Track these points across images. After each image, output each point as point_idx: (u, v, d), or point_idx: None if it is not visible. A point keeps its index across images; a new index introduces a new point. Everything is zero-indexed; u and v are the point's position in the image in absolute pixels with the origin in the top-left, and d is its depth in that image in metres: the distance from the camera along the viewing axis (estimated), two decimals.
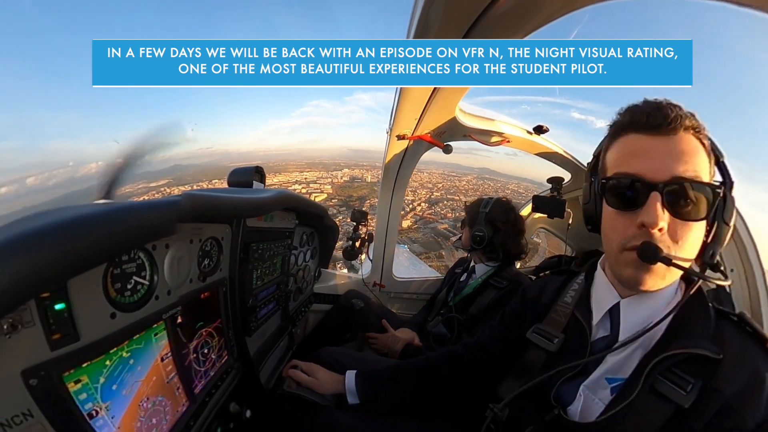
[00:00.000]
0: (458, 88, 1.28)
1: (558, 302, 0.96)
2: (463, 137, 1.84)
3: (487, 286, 1.85)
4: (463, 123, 1.65)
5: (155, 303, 0.78)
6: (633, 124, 0.70)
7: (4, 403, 0.50)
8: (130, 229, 0.61)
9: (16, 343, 0.51)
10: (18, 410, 0.51)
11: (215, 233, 1.04)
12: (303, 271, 1.90)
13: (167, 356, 0.83)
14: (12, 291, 0.44)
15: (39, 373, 0.54)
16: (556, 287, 1.02)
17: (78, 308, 0.59)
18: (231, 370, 1.13)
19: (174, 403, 0.85)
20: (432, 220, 46.10)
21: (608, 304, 0.82)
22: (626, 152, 0.72)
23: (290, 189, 1.38)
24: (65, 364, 0.58)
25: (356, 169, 66.66)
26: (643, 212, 0.65)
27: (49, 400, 0.55)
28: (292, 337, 1.77)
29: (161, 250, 0.80)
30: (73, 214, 0.53)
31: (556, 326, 0.92)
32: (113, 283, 0.67)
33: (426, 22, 0.89)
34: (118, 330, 0.68)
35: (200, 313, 1.00)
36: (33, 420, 0.53)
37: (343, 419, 1.09)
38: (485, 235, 1.83)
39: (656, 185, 0.65)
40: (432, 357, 1.18)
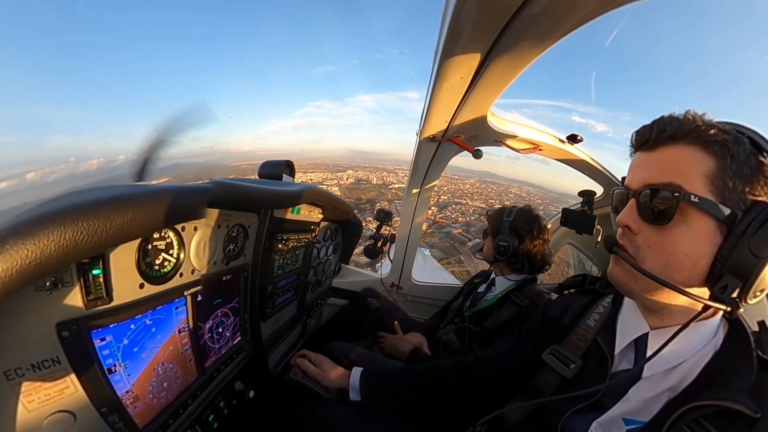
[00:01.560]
0: (491, 90, 1.25)
1: (580, 324, 0.91)
2: (494, 143, 1.79)
3: (507, 300, 1.79)
4: (494, 128, 1.60)
5: (179, 279, 0.85)
6: (633, 145, 0.74)
7: (37, 349, 0.58)
8: (163, 210, 0.68)
9: (55, 299, 0.58)
10: (48, 356, 0.59)
11: (243, 220, 1.10)
12: (324, 265, 1.95)
13: (184, 329, 0.90)
14: (57, 256, 0.50)
15: (71, 327, 0.61)
16: (580, 308, 0.97)
17: (112, 275, 0.66)
18: (242, 351, 1.20)
19: (185, 373, 0.92)
20: (444, 224, 45.18)
21: (635, 333, 0.76)
22: (629, 169, 0.76)
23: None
24: (95, 322, 0.65)
25: (360, 170, 65.65)
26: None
27: (76, 351, 0.63)
28: (305, 327, 1.82)
29: (190, 231, 0.87)
30: (117, 192, 0.60)
31: (575, 350, 0.87)
32: (144, 257, 0.74)
33: (457, 24, 0.88)
34: (144, 299, 0.75)
35: (220, 294, 1.06)
36: (59, 366, 0.61)
37: (339, 414, 1.11)
38: (510, 245, 1.76)
39: (633, 192, 0.69)
40: (441, 365, 1.15)
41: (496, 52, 1.00)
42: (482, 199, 56.82)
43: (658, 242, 0.66)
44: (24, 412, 0.57)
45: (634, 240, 0.68)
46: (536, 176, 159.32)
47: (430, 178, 2.10)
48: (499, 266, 1.91)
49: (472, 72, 1.11)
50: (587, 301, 0.98)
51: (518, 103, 55.75)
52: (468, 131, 1.66)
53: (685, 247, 0.64)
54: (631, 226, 0.68)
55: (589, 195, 2.02)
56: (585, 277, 2.20)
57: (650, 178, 0.67)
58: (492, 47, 0.98)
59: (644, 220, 0.67)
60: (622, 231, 0.71)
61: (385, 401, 1.13)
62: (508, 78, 1.15)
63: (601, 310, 0.91)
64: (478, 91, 1.23)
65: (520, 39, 0.93)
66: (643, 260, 0.66)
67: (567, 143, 1.84)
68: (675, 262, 0.64)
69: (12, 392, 0.55)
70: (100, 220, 0.55)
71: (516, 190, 65.18)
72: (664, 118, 0.69)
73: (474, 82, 1.17)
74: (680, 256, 0.64)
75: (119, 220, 0.58)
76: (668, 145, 0.67)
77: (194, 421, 0.92)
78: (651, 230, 0.66)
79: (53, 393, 0.61)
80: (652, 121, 0.71)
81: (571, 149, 1.87)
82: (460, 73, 1.11)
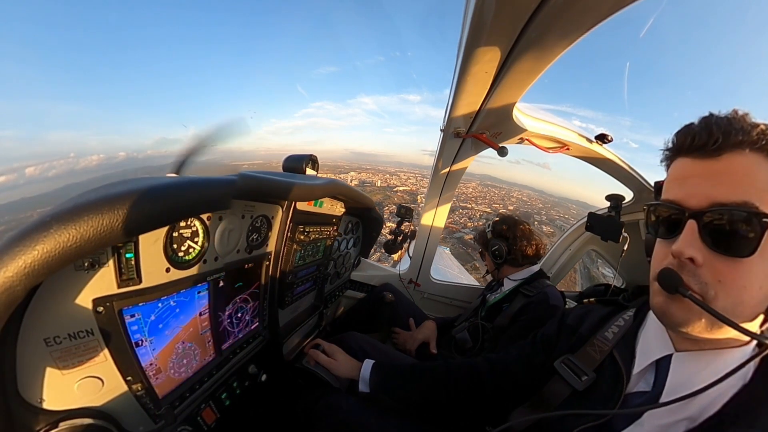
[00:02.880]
0: (516, 86, 1.21)
1: (597, 336, 0.86)
2: (519, 140, 1.73)
3: (517, 294, 1.83)
4: (520, 125, 1.55)
5: (203, 266, 0.91)
6: (678, 148, 0.63)
7: (75, 320, 0.64)
8: (190, 201, 0.72)
9: (92, 278, 0.65)
10: (83, 328, 0.66)
11: (267, 212, 1.15)
12: (343, 257, 1.99)
13: (205, 312, 0.97)
14: (94, 240, 0.56)
15: (105, 303, 0.68)
16: (599, 319, 0.92)
17: (141, 259, 0.72)
18: (258, 336, 1.26)
19: (203, 352, 0.99)
20: (454, 229, 44.30)
21: (657, 354, 0.70)
22: (671, 178, 0.65)
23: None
24: (127, 300, 0.72)
25: (362, 172, 65.30)
26: (677, 240, 0.59)
27: (108, 325, 0.69)
28: (321, 317, 1.87)
29: (215, 221, 0.92)
30: (149, 183, 0.65)
31: (588, 362, 0.83)
32: (171, 244, 0.79)
33: (480, 17, 0.86)
34: (170, 282, 0.81)
35: (242, 281, 1.12)
36: (92, 338, 0.67)
37: (346, 404, 1.14)
38: (500, 247, 1.93)
39: (693, 212, 0.57)
40: (452, 365, 1.14)
41: (521, 46, 0.96)
42: (486, 203, 56.13)
43: (732, 276, 0.55)
44: (59, 375, 0.64)
45: (698, 274, 0.57)
46: (536, 180, 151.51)
47: (454, 174, 2.08)
48: (504, 271, 1.99)
49: (497, 66, 1.07)
50: (607, 313, 0.92)
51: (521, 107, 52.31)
52: (493, 128, 1.62)
53: (760, 279, 0.55)
54: (696, 258, 0.56)
55: (617, 200, 1.90)
56: (607, 287, 2.14)
57: (718, 195, 0.55)
58: (516, 41, 0.94)
59: (712, 249, 0.56)
60: (679, 263, 0.59)
61: (393, 396, 1.14)
62: (535, 73, 1.10)
63: (622, 323, 0.86)
64: (504, 87, 1.19)
65: (545, 32, 0.89)
66: (714, 299, 0.55)
67: (595, 143, 1.75)
68: (748, 298, 0.55)
69: (50, 357, 0.62)
70: (133, 209, 0.60)
71: (517, 193, 64.46)
72: (720, 118, 0.58)
73: (499, 77, 1.13)
74: (754, 290, 0.55)
75: (150, 208, 0.63)
76: (734, 152, 0.56)
77: (208, 397, 0.99)
78: (721, 262, 0.55)
79: (85, 360, 0.67)
80: (706, 120, 0.59)
81: (600, 150, 1.77)
82: (485, 67, 1.08)
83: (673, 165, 0.65)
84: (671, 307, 0.60)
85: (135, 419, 0.79)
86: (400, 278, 2.45)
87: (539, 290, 1.74)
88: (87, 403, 0.70)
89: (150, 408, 0.81)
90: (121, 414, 0.75)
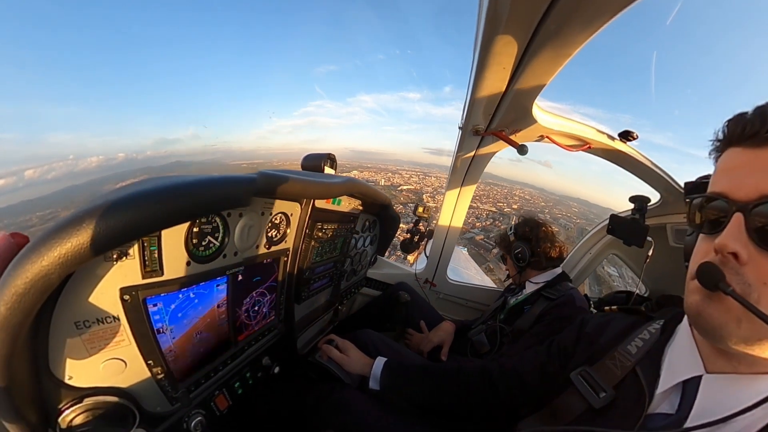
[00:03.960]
0: (536, 81, 1.16)
1: (618, 348, 0.79)
2: (539, 138, 1.68)
3: (539, 297, 1.78)
4: (540, 122, 1.51)
5: (222, 260, 0.95)
6: (729, 138, 0.58)
7: (103, 306, 0.69)
8: (211, 198, 0.76)
9: (120, 268, 0.70)
10: (110, 314, 0.71)
11: (285, 209, 1.18)
12: (360, 255, 2.01)
13: (223, 304, 1.01)
14: (124, 234, 0.60)
15: (131, 292, 0.72)
16: (621, 329, 0.85)
17: (165, 252, 0.77)
18: (274, 329, 1.30)
19: (219, 342, 1.03)
20: (464, 229, 43.32)
21: (685, 374, 0.63)
22: (719, 169, 0.60)
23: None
24: (150, 290, 0.76)
25: (364, 171, 64.27)
26: (720, 234, 0.54)
27: (133, 312, 0.74)
28: (336, 313, 1.91)
29: (235, 217, 0.95)
30: (172, 182, 0.68)
31: (608, 377, 0.76)
32: (192, 239, 0.84)
33: (495, 10, 0.84)
34: (190, 275, 0.86)
35: (260, 275, 1.16)
36: (118, 323, 0.73)
37: (355, 400, 1.15)
38: (523, 250, 1.90)
39: (741, 204, 0.53)
40: (464, 369, 1.12)
41: (539, 39, 0.92)
42: (491, 202, 55.51)
43: None
44: (86, 355, 0.69)
45: (741, 272, 0.52)
46: (537, 178, 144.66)
47: (473, 173, 2.05)
48: (526, 274, 1.95)
49: (515, 61, 1.04)
50: (630, 323, 0.85)
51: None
52: (512, 125, 1.58)
53: None
54: (740, 254, 0.51)
55: (641, 201, 1.78)
56: (629, 294, 2.03)
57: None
58: (535, 33, 0.90)
59: (759, 246, 0.51)
60: (721, 259, 0.54)
61: (402, 395, 1.14)
62: (554, 67, 1.06)
63: (647, 336, 0.78)
64: (522, 82, 1.16)
65: (564, 23, 0.85)
66: (757, 302, 0.50)
67: (618, 140, 1.66)
68: None
69: (79, 339, 0.67)
70: (158, 206, 0.64)
71: (519, 192, 63.63)
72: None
73: (517, 73, 1.10)
74: None
75: (173, 206, 0.67)
76: None
77: (222, 384, 1.04)
78: (764, 258, 0.50)
79: (111, 343, 0.73)
80: (760, 109, 0.55)
81: (624, 148, 1.68)
82: (502, 62, 1.05)
83: (722, 156, 0.60)
84: (709, 307, 0.54)
85: (153, 400, 0.84)
86: (416, 278, 2.44)
87: (563, 292, 1.70)
88: (110, 383, 0.75)
89: (168, 390, 0.86)
90: (141, 394, 0.81)
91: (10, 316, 0.52)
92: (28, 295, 0.52)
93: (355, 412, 1.14)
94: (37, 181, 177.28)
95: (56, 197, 34.01)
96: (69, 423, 0.68)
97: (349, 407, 1.15)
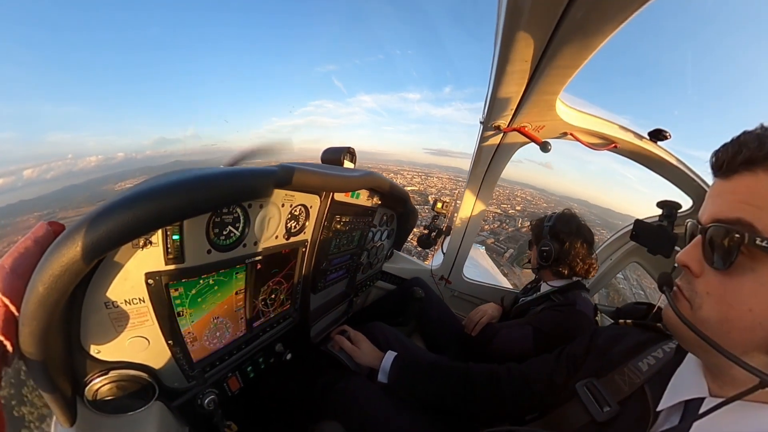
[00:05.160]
0: (559, 74, 1.11)
1: (629, 364, 0.79)
2: (563, 135, 1.60)
3: (547, 299, 1.75)
4: (563, 118, 1.45)
5: (242, 249, 0.99)
6: (711, 168, 0.63)
7: (130, 289, 0.75)
8: (232, 190, 0.79)
9: (145, 255, 0.74)
10: (136, 296, 0.76)
11: (305, 201, 1.20)
12: (377, 249, 2.02)
13: (241, 291, 1.05)
14: (149, 222, 0.64)
15: (155, 277, 0.77)
16: (634, 345, 0.84)
17: (187, 241, 0.81)
18: (288, 317, 1.34)
19: (235, 327, 1.08)
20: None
21: (689, 394, 0.64)
22: (705, 199, 0.66)
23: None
24: (172, 276, 0.81)
25: None
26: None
27: (156, 295, 0.79)
28: (351, 305, 1.94)
29: (255, 208, 0.98)
30: (195, 174, 0.72)
31: (614, 392, 0.76)
32: (213, 228, 0.87)
33: (516, 3, 0.81)
34: (211, 263, 0.90)
35: (278, 265, 1.20)
36: (143, 305, 0.78)
37: (363, 391, 1.18)
38: (551, 249, 1.75)
39: (702, 227, 0.60)
40: (472, 369, 1.13)
41: (563, 31, 0.88)
42: (495, 204, 54.47)
43: (720, 290, 0.56)
44: (114, 333, 0.75)
45: (693, 283, 0.59)
46: (537, 179, 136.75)
47: (494, 169, 1.99)
48: (544, 273, 1.86)
49: (537, 54, 1.00)
50: (645, 339, 0.84)
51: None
52: (535, 121, 1.51)
53: (750, 300, 0.53)
54: (691, 267, 0.60)
55: (671, 207, 1.65)
56: (650, 307, 1.91)
57: (719, 212, 0.57)
58: (558, 25, 0.87)
59: (706, 262, 0.58)
60: (683, 274, 0.62)
61: (409, 390, 1.16)
62: (579, 60, 1.02)
63: (660, 355, 0.78)
64: (546, 76, 1.12)
65: (590, 13, 0.81)
66: (699, 308, 0.57)
67: (648, 140, 1.55)
68: (735, 317, 0.54)
69: (108, 317, 0.72)
70: (181, 197, 0.68)
71: (520, 192, 62.08)
72: (746, 135, 0.57)
73: (540, 65, 1.06)
74: (742, 311, 0.53)
75: (195, 197, 0.70)
76: (744, 172, 0.56)
77: (235, 368, 1.09)
78: (713, 275, 0.57)
79: (136, 322, 0.78)
80: (731, 140, 0.60)
81: (654, 149, 1.57)
82: (524, 55, 1.01)
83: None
84: (668, 311, 0.62)
85: (172, 377, 0.90)
86: (432, 274, 2.43)
87: (568, 298, 1.64)
88: (134, 359, 0.81)
89: (185, 369, 0.92)
90: (160, 370, 0.87)
91: (48, 295, 0.57)
92: (64, 276, 0.57)
93: (361, 401, 1.16)
94: (36, 180, 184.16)
95: (55, 197, 35.70)
96: (95, 392, 0.74)
97: (355, 396, 1.18)
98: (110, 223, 0.58)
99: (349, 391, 1.19)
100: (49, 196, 60.13)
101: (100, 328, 0.72)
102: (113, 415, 0.80)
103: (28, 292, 0.56)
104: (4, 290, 0.56)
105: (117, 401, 0.78)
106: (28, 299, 0.56)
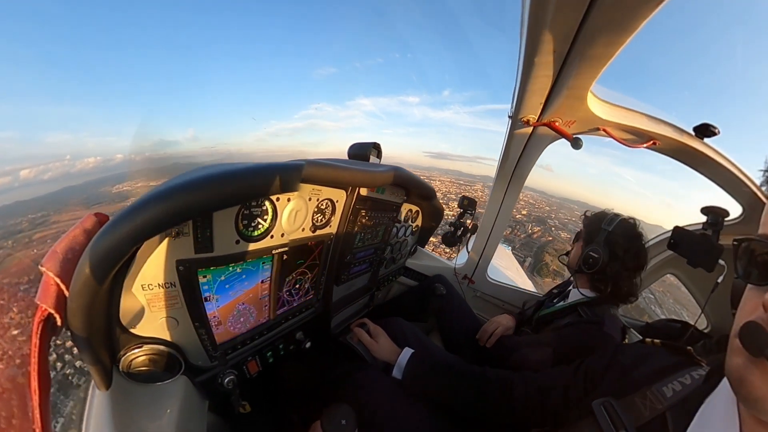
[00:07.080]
0: (591, 66, 1.03)
1: (652, 387, 0.71)
2: (596, 130, 1.47)
3: (573, 311, 1.59)
4: (596, 113, 1.33)
5: (270, 240, 1.03)
6: None
7: (163, 274, 0.81)
8: (261, 184, 0.82)
9: (177, 244, 0.80)
10: (169, 280, 0.82)
11: (332, 196, 1.23)
12: (401, 244, 2.02)
13: (267, 280, 1.10)
14: (182, 214, 0.69)
15: (185, 264, 0.83)
16: (660, 367, 0.76)
17: (215, 231, 0.86)
18: (311, 307, 1.39)
19: (258, 314, 1.14)
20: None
21: (717, 431, 0.57)
22: None
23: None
24: (201, 264, 0.86)
25: None
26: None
27: (186, 281, 0.85)
28: (372, 298, 1.97)
29: (283, 202, 1.02)
30: (225, 169, 0.75)
31: (633, 416, 0.69)
32: (242, 220, 0.92)
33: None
34: (238, 252, 0.95)
35: (304, 256, 1.23)
36: (174, 289, 0.84)
37: (377, 384, 1.19)
38: (600, 259, 1.51)
39: None
40: (487, 376, 1.12)
41: (593, 18, 0.82)
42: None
43: None
44: (149, 312, 0.82)
45: None
46: (537, 181, 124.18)
47: (523, 166, 1.89)
48: (579, 278, 1.66)
49: (567, 42, 0.94)
50: (673, 363, 0.75)
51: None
52: (566, 115, 1.40)
53: None
54: None
55: (717, 214, 1.44)
56: (685, 326, 1.74)
57: None
58: (588, 11, 0.81)
59: None
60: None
61: (423, 389, 1.16)
62: (611, 50, 0.94)
63: (687, 381, 0.69)
64: (576, 67, 1.04)
65: (615, 5, 0.76)
66: None
67: (692, 136, 1.37)
68: None
69: (144, 298, 0.79)
70: (213, 190, 0.72)
71: (521, 196, 59.50)
72: None
73: (570, 56, 1.00)
74: None
75: (226, 190, 0.74)
76: None
77: (256, 352, 1.16)
78: None
79: (168, 304, 0.85)
80: None
81: (699, 146, 1.39)
82: (553, 45, 0.95)
83: None
84: (752, 374, 0.45)
85: (197, 355, 0.97)
86: (455, 272, 2.39)
87: (596, 315, 1.46)
88: (165, 336, 0.88)
89: (209, 349, 0.98)
90: (187, 348, 0.94)
91: (92, 276, 0.63)
92: (107, 260, 0.63)
93: (374, 393, 1.17)
94: (33, 181, 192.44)
95: (51, 198, 37.12)
96: (129, 363, 0.82)
97: (370, 387, 1.19)
98: (146, 215, 0.63)
99: (364, 382, 1.21)
100: (46, 197, 62.25)
101: (137, 307, 0.79)
102: (143, 384, 0.88)
103: (76, 273, 0.63)
104: (57, 271, 0.62)
105: (147, 372, 0.86)
106: (76, 279, 0.63)
